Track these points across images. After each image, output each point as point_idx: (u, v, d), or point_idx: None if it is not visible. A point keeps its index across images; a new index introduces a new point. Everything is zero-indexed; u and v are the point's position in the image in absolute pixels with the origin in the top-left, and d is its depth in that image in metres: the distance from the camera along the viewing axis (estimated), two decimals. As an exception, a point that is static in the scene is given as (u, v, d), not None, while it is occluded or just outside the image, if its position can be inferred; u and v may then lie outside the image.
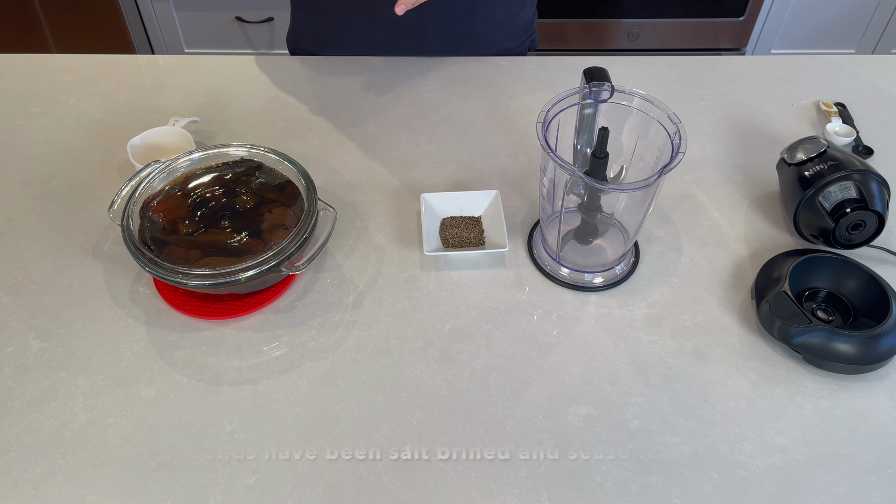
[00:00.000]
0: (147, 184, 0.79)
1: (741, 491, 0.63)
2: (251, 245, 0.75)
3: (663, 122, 0.72)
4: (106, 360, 0.73)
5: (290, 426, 0.68)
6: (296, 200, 0.78)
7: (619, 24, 1.99)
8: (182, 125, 0.94)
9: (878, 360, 0.70)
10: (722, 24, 1.99)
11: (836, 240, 0.80)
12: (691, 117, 1.02)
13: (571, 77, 1.08)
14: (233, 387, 0.71)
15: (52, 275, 0.81)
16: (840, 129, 0.98)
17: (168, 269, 0.71)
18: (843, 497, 0.63)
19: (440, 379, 0.71)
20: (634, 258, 0.83)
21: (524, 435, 0.67)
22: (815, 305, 0.76)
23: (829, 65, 1.12)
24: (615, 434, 0.67)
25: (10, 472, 0.65)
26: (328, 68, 1.10)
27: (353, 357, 0.73)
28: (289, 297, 0.79)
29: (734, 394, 0.70)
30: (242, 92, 1.06)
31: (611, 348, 0.74)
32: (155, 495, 0.63)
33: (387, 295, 0.79)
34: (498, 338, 0.75)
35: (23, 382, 0.71)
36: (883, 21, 2.03)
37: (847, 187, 0.79)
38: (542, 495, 0.63)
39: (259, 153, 0.82)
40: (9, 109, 1.03)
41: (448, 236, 0.84)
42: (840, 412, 0.69)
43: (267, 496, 0.63)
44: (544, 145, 0.69)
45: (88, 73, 1.10)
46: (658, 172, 0.67)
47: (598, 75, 0.75)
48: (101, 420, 0.68)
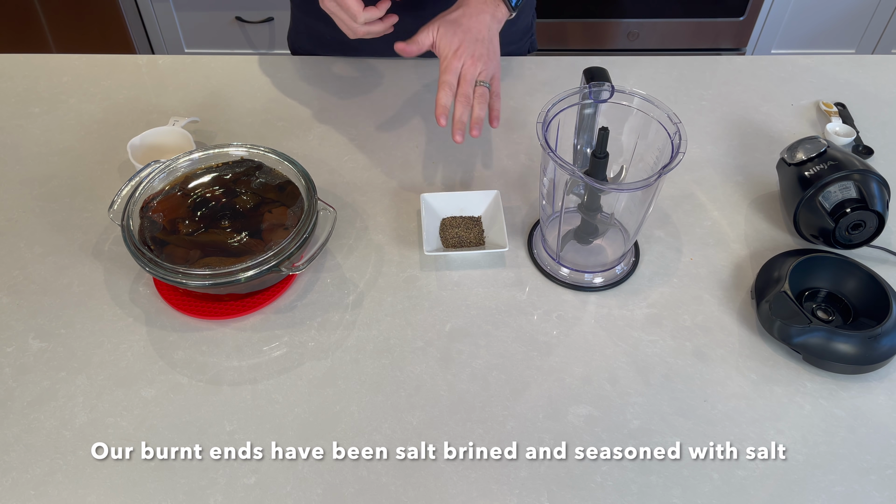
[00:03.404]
0: (147, 184, 0.79)
1: (741, 491, 0.63)
2: (251, 245, 0.75)
3: (663, 122, 0.72)
4: (106, 360, 0.73)
5: (291, 426, 0.68)
6: (296, 200, 0.78)
7: (619, 24, 1.99)
8: (182, 125, 0.94)
9: (878, 360, 0.70)
10: (722, 24, 1.99)
11: (836, 240, 0.80)
12: (691, 117, 1.02)
13: (571, 77, 1.08)
14: (233, 387, 0.71)
15: (52, 275, 0.81)
16: (840, 129, 0.98)
17: (168, 269, 0.71)
18: (843, 497, 0.63)
19: (440, 379, 0.71)
20: (634, 258, 0.83)
21: (524, 435, 0.67)
22: (815, 305, 0.76)
23: (829, 65, 1.12)
24: (615, 434, 0.67)
25: (10, 472, 0.65)
26: (328, 68, 1.10)
27: (353, 357, 0.73)
28: (289, 297, 0.79)
29: (734, 394, 0.70)
30: (242, 92, 1.06)
31: (611, 348, 0.74)
32: (155, 495, 0.63)
33: (387, 295, 0.79)
34: (498, 338, 0.75)
35: (23, 382, 0.71)
36: (883, 21, 2.03)
37: (847, 187, 0.79)
38: (543, 495, 0.63)
39: (259, 153, 0.82)
40: (9, 109, 1.03)
41: (448, 236, 0.84)
42: (840, 412, 0.69)
43: (267, 496, 0.63)
44: (544, 145, 0.69)
45: (88, 73, 1.10)
46: (658, 172, 0.67)
47: (598, 75, 0.75)
48: (101, 420, 0.68)
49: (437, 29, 0.85)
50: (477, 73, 0.83)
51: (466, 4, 0.86)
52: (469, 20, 0.85)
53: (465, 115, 0.81)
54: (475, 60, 0.83)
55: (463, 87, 0.82)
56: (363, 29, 0.85)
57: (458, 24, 0.84)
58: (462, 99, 0.81)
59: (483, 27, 0.85)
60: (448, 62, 0.83)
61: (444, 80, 0.82)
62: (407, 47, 0.85)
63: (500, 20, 0.88)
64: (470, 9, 0.86)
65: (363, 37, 0.87)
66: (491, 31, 0.86)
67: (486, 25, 0.85)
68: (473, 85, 0.82)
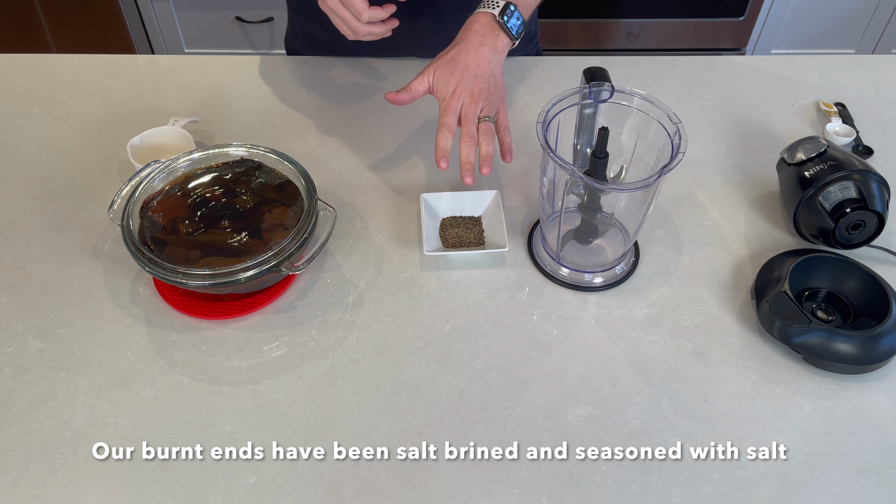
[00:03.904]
0: (147, 184, 0.79)
1: (741, 491, 0.63)
2: (251, 245, 0.75)
3: (663, 122, 0.72)
4: (106, 360, 0.73)
5: (291, 426, 0.68)
6: (296, 200, 0.78)
7: (619, 24, 1.99)
8: (182, 125, 0.94)
9: (878, 360, 0.70)
10: (722, 24, 1.99)
11: (836, 240, 0.80)
12: (691, 117, 1.02)
13: (571, 77, 1.08)
14: (233, 387, 0.71)
15: (52, 275, 0.81)
16: (840, 129, 0.98)
17: (168, 269, 0.71)
18: (843, 497, 0.63)
19: (440, 379, 0.71)
20: (634, 258, 0.83)
21: (524, 435, 0.67)
22: (815, 305, 0.76)
23: (829, 65, 1.12)
24: (615, 434, 0.67)
25: (10, 472, 0.65)
26: (328, 68, 1.10)
27: (353, 357, 0.73)
28: (289, 297, 0.79)
29: (734, 394, 0.70)
30: (242, 92, 1.06)
31: (611, 348, 0.74)
32: (155, 495, 0.63)
33: (387, 295, 0.79)
34: (498, 338, 0.75)
35: (23, 382, 0.71)
36: (883, 21, 2.03)
37: (847, 187, 0.79)
38: (543, 495, 0.63)
39: (259, 153, 0.82)
40: (9, 109, 1.03)
41: (448, 236, 0.84)
42: (840, 412, 0.69)
43: (267, 496, 0.63)
44: (544, 145, 0.69)
45: (88, 73, 1.10)
46: (658, 172, 0.67)
47: (598, 75, 0.75)
48: (100, 420, 0.68)
49: (434, 72, 0.82)
50: (478, 111, 0.80)
51: (464, 40, 0.83)
52: (466, 57, 0.81)
53: (472, 156, 0.77)
54: (475, 99, 0.79)
55: (466, 128, 0.79)
56: (364, 29, 0.83)
57: (454, 64, 0.81)
58: (466, 139, 0.78)
59: (482, 62, 0.81)
60: (446, 104, 0.80)
61: (443, 123, 0.79)
62: (398, 96, 0.82)
63: (501, 51, 0.84)
64: (467, 44, 0.82)
65: (363, 38, 0.85)
66: (491, 64, 0.82)
67: (485, 60, 0.82)
68: (476, 123, 0.79)
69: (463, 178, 0.77)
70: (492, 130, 0.80)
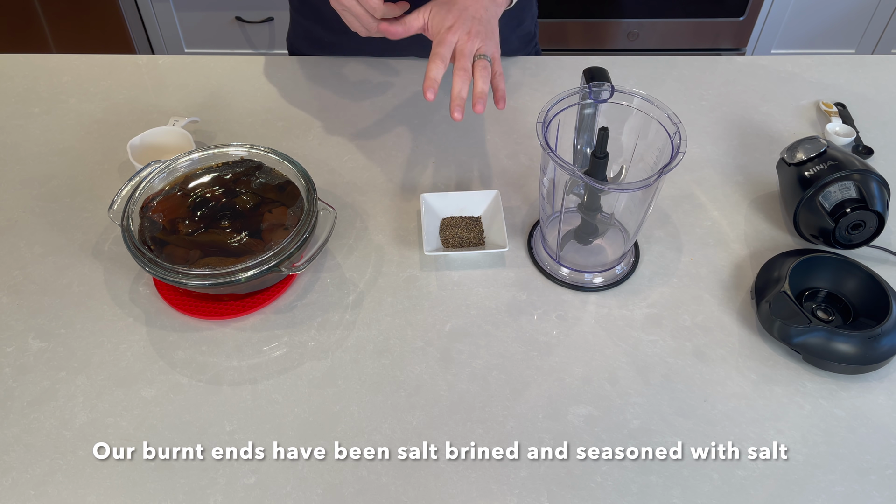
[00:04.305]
0: (147, 184, 0.79)
1: (741, 491, 0.63)
2: (251, 245, 0.75)
3: (663, 122, 0.72)
4: (106, 360, 0.73)
5: (290, 426, 0.68)
6: (296, 200, 0.78)
7: (619, 24, 1.99)
8: (182, 125, 0.94)
9: (878, 360, 0.70)
10: (722, 24, 1.99)
11: (836, 240, 0.80)
12: (691, 117, 1.02)
13: (571, 77, 1.08)
14: (233, 387, 0.71)
15: (52, 275, 0.81)
16: (840, 129, 0.98)
17: (168, 269, 0.71)
18: (843, 497, 0.63)
19: (440, 379, 0.71)
20: (634, 258, 0.83)
21: (524, 435, 0.67)
22: (815, 305, 0.76)
23: (829, 65, 1.12)
24: (615, 434, 0.67)
25: (10, 472, 0.65)
26: (328, 68, 1.10)
27: (353, 357, 0.73)
28: (289, 297, 0.79)
29: (734, 394, 0.70)
30: (242, 92, 1.06)
31: (611, 348, 0.74)
32: (155, 495, 0.63)
33: (387, 295, 0.79)
34: (498, 338, 0.75)
35: (23, 382, 0.71)
36: (883, 21, 2.03)
37: (847, 187, 0.79)
38: (543, 495, 0.63)
39: (259, 153, 0.82)
40: (9, 109, 1.03)
41: (448, 236, 0.84)
42: (840, 412, 0.69)
43: (267, 496, 0.63)
44: (544, 145, 0.69)
45: (88, 73, 1.10)
46: (658, 172, 0.67)
47: (598, 75, 0.75)
48: (100, 420, 0.68)
49: (430, 9, 0.79)
50: (475, 49, 0.75)
51: None
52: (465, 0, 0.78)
53: (465, 91, 0.73)
54: (472, 36, 0.75)
55: (461, 62, 0.74)
56: (382, 25, 0.81)
57: (453, 4, 0.78)
58: (460, 73, 0.74)
59: (481, 7, 0.78)
60: (441, 37, 0.75)
61: (436, 53, 0.74)
62: (391, 27, 0.79)
63: (499, 4, 0.82)
64: None
65: (376, 34, 0.83)
66: (490, 11, 0.79)
67: (484, 6, 0.79)
68: (471, 59, 0.75)
69: (452, 112, 0.73)
70: (488, 69, 0.75)
